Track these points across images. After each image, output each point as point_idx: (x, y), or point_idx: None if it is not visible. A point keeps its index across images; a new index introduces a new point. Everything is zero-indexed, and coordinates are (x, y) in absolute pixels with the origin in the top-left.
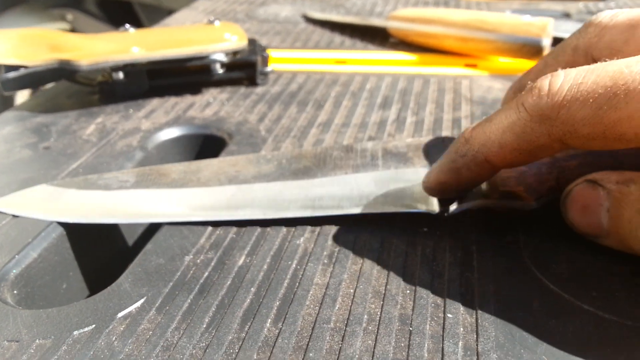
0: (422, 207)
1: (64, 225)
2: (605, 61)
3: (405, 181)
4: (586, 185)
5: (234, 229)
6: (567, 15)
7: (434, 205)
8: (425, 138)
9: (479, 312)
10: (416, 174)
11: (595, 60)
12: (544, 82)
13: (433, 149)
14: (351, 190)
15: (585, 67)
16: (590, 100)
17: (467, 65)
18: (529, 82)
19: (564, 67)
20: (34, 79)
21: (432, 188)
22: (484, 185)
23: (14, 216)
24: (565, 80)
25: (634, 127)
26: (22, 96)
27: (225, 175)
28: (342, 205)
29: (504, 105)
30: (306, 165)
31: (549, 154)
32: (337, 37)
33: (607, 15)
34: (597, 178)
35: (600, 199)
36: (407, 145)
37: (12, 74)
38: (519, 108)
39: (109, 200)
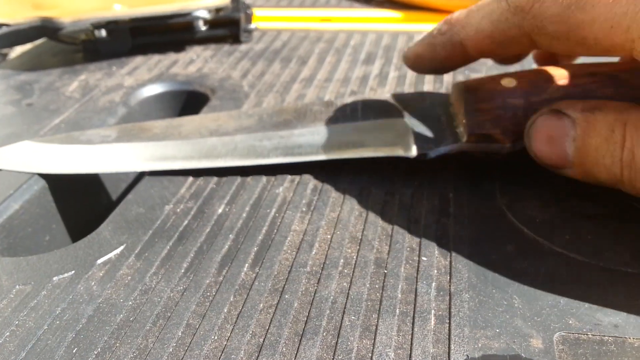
0: (400, 152)
1: (47, 178)
2: None
3: (384, 129)
4: (550, 115)
5: (214, 179)
6: None
7: (412, 150)
8: (407, 92)
9: (453, 254)
10: (395, 123)
11: None
12: None
13: (414, 102)
14: (330, 138)
15: None
16: None
17: None
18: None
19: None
20: (17, 37)
21: (408, 58)
22: (460, 129)
23: None
24: None
25: (595, 32)
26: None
27: (207, 128)
28: (322, 152)
29: None
30: (287, 118)
31: (519, 50)
32: None
33: None
34: (561, 107)
35: (566, 128)
36: (387, 99)
37: None
38: None
39: (91, 153)
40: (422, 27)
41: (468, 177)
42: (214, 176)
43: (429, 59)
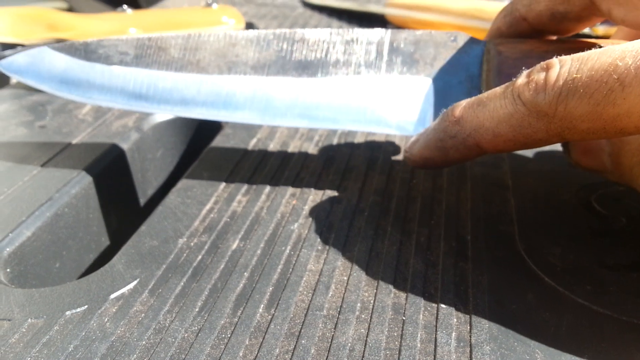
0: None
1: (59, 203)
2: (600, 47)
3: (405, 93)
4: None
5: (229, 212)
6: None
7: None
8: (436, 33)
9: (473, 303)
10: (418, 84)
11: (591, 1)
12: (540, 75)
13: (441, 51)
14: (349, 101)
15: (578, 56)
16: (587, 96)
17: None
18: (523, 68)
19: (560, 1)
20: None
21: (415, 161)
22: None
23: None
24: (560, 73)
25: (634, 121)
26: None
27: (224, 59)
28: (338, 118)
29: (498, 91)
30: (307, 55)
31: (544, 145)
32: (335, 23)
33: None
34: None
35: (601, 144)
36: (415, 42)
37: (8, 52)
38: (516, 100)
39: (108, 76)
40: None
41: (485, 216)
42: (228, 210)
43: (441, 161)
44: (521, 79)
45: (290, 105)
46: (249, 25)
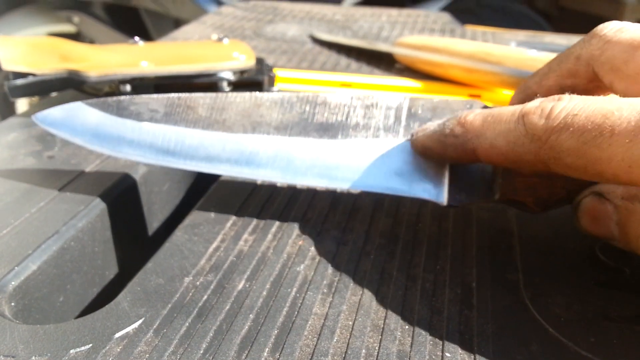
0: (431, 197)
1: (65, 237)
2: (603, 94)
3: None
4: (594, 198)
5: (235, 252)
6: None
7: (443, 198)
8: (452, 100)
9: (477, 352)
10: None
11: (595, 74)
12: (549, 104)
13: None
14: (367, 162)
15: (587, 97)
16: (578, 134)
17: (471, 96)
18: (537, 95)
19: (566, 75)
20: (42, 87)
21: (415, 146)
22: (495, 186)
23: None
24: (565, 107)
25: (613, 169)
26: (22, 104)
27: (249, 119)
28: (356, 179)
29: (510, 109)
30: (328, 118)
31: (532, 170)
32: (343, 60)
33: (612, 29)
34: (603, 191)
35: (609, 212)
36: (432, 109)
37: (20, 81)
38: (519, 120)
39: (139, 132)
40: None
41: (490, 263)
42: (234, 249)
43: (438, 154)
44: (533, 103)
45: (311, 165)
46: (259, 61)
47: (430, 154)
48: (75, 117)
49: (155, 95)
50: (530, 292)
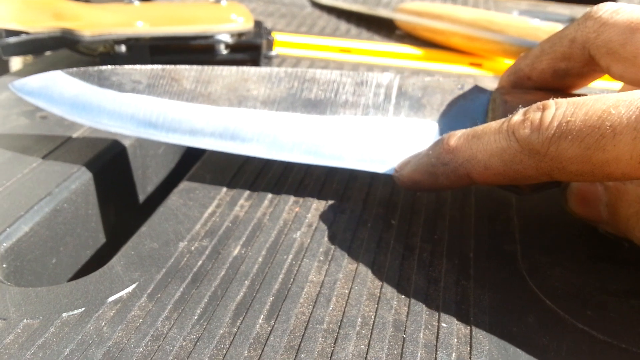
0: None
1: (58, 198)
2: (594, 95)
3: (410, 136)
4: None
5: (230, 217)
6: (573, 21)
7: None
8: (444, 80)
9: (474, 323)
10: (424, 128)
11: (591, 57)
12: (536, 115)
13: (447, 97)
14: (355, 139)
15: (574, 100)
16: (579, 140)
17: (472, 64)
18: (519, 106)
19: (560, 58)
20: (35, 45)
21: (403, 182)
22: None
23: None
24: (555, 115)
25: (622, 168)
26: (16, 63)
27: (235, 93)
28: (344, 157)
29: (494, 126)
30: (317, 95)
31: (533, 182)
32: (343, 25)
33: (608, 11)
34: None
35: (598, 194)
36: (423, 87)
37: (12, 39)
38: (510, 137)
39: (120, 103)
40: (442, 67)
41: (488, 234)
42: (230, 214)
43: (429, 185)
44: (517, 117)
45: (297, 142)
46: (258, 24)
47: (421, 187)
48: (54, 87)
49: (138, 67)
50: (527, 264)
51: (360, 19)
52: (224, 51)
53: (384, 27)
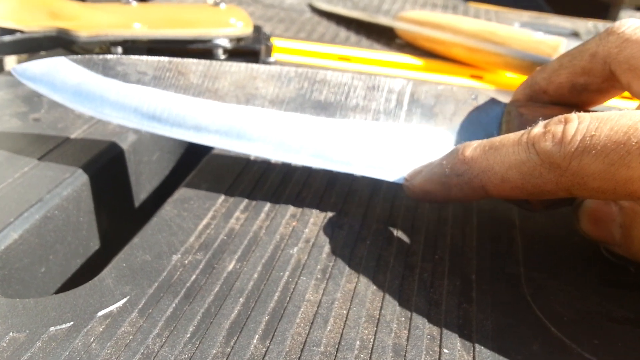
0: None
1: (49, 205)
2: (616, 110)
3: (421, 144)
4: (597, 200)
5: (226, 230)
6: (575, 35)
7: None
8: (457, 89)
9: (477, 349)
10: (435, 137)
11: (612, 72)
12: (558, 128)
13: (460, 107)
14: (364, 145)
15: (598, 114)
16: (603, 155)
17: (473, 77)
18: (539, 118)
19: (580, 72)
20: (30, 45)
21: (414, 192)
22: None
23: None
24: (578, 129)
25: None
26: (10, 62)
27: (243, 91)
28: (352, 162)
29: (513, 138)
30: (327, 97)
31: (551, 197)
32: (343, 32)
33: (632, 27)
34: None
35: (613, 215)
36: (436, 96)
37: (7, 38)
38: (530, 149)
39: (124, 94)
40: (443, 78)
41: (491, 255)
42: (225, 228)
43: (442, 197)
44: (538, 129)
45: (305, 143)
46: (257, 29)
47: (433, 198)
48: (57, 73)
49: (145, 57)
50: (531, 287)
51: (360, 26)
52: (221, 56)
53: (383, 36)
